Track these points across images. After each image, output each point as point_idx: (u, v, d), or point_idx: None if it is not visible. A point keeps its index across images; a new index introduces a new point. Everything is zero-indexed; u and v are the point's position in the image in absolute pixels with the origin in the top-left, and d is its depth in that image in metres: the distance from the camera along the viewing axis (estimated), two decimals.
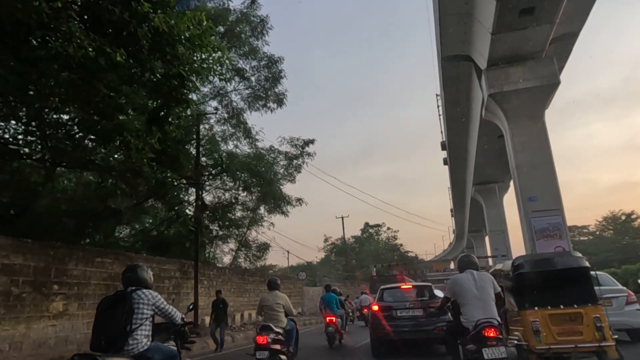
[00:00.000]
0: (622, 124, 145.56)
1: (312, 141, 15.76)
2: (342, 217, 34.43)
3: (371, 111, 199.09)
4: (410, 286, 9.82)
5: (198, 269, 14.24)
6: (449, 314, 6.30)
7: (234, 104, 12.52)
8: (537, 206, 16.89)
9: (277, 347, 6.62)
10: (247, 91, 12.07)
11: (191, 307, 5.76)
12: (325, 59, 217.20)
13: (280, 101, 12.13)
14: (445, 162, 40.26)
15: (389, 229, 52.08)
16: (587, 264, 6.23)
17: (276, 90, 11.99)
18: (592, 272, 6.20)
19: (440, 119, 36.95)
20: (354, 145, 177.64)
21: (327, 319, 10.97)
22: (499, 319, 4.82)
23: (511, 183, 36.10)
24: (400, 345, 8.55)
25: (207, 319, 14.07)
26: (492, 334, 4.47)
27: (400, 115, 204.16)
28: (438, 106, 37.59)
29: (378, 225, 51.66)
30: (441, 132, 36.19)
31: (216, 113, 12.12)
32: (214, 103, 13.03)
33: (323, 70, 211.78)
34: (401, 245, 48.86)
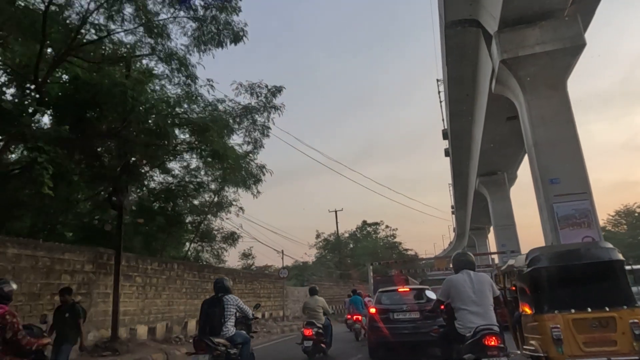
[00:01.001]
0: (622, 123, 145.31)
1: (279, 89, 11.12)
2: (336, 211, 31.92)
3: (371, 111, 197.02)
4: (408, 289, 9.83)
5: (121, 261, 10.71)
6: (442, 318, 5.33)
7: (174, 41, 9.06)
8: (561, 189, 14.29)
9: (319, 338, 8.65)
10: (193, 24, 9.01)
11: (258, 306, 8.14)
12: (325, 59, 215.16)
13: (237, 37, 9.07)
14: (446, 154, 37.72)
15: (387, 227, 49.85)
16: (620, 256, 5.30)
17: (229, 19, 8.82)
18: (628, 267, 5.56)
19: (441, 106, 34.47)
20: (354, 146, 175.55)
21: (354, 317, 12.98)
22: (498, 326, 4.30)
23: (519, 173, 33.62)
24: (398, 348, 8.64)
25: (124, 331, 11.00)
26: (493, 343, 4.03)
27: (399, 116, 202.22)
28: (439, 92, 35.13)
29: (376, 224, 49.23)
30: (442, 119, 33.68)
31: (152, 54, 9.16)
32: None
33: (322, 71, 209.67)
34: (400, 243, 46.23)
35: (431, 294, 8.56)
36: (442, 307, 4.78)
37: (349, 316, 13.76)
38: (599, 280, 5.23)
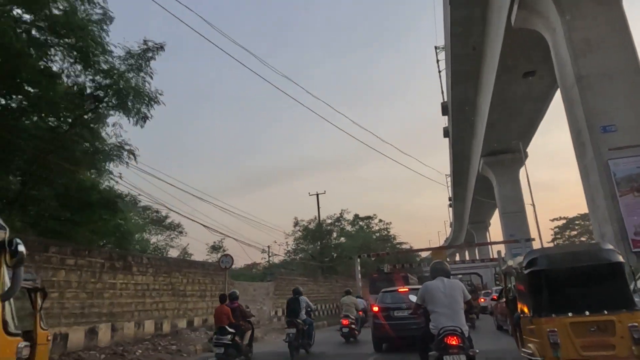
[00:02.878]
0: None
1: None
2: (317, 194, 27.41)
3: (365, 110, 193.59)
4: (407, 289, 10.86)
5: None
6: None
7: None
8: (618, 140, 10.08)
9: (353, 326, 11.95)
10: None
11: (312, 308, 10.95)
12: (321, 58, 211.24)
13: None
14: (445, 134, 33.52)
15: (380, 221, 45.87)
16: (620, 258, 5.13)
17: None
18: (628, 269, 5.41)
19: (440, 77, 30.17)
20: (348, 146, 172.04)
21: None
22: (465, 327, 4.72)
23: (530, 150, 29.37)
24: (399, 342, 9.52)
25: None
26: (453, 342, 4.52)
27: (395, 115, 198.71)
28: (438, 61, 30.78)
29: (369, 218, 45.14)
30: (442, 92, 29.43)
31: None
32: None
33: (318, 69, 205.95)
34: (394, 236, 41.91)
35: (413, 297, 8.28)
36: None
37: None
38: (598, 283, 5.13)
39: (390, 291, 10.72)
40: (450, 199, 58.77)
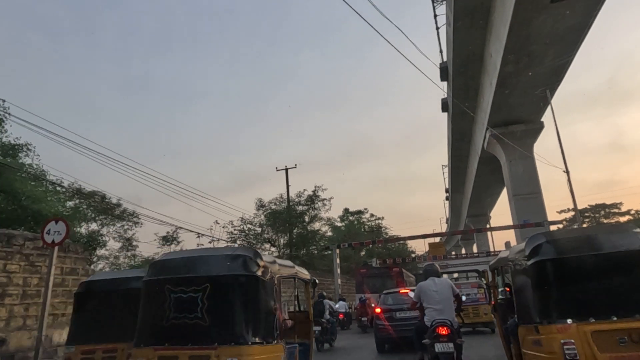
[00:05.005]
0: (606, 123, 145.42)
1: None
2: (286, 168, 22.28)
3: (358, 111, 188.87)
4: (408, 290, 10.97)
5: None
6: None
7: None
8: None
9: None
10: None
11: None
12: (311, 59, 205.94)
13: None
14: (444, 108, 28.88)
15: (372, 215, 41.35)
16: None
17: None
18: None
19: (438, 34, 25.41)
20: (341, 146, 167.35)
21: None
22: (454, 319, 5.38)
23: (544, 119, 24.60)
24: (400, 342, 9.56)
25: None
26: (444, 332, 5.18)
27: (389, 115, 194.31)
28: (435, 16, 25.97)
29: (360, 212, 40.75)
30: (440, 51, 24.70)
31: None
32: None
33: (308, 70, 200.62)
34: (386, 228, 37.26)
35: (412, 294, 8.76)
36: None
37: None
38: (629, 277, 3.86)
39: (392, 292, 11.28)
40: (447, 191, 54.11)
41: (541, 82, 18.87)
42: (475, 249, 62.56)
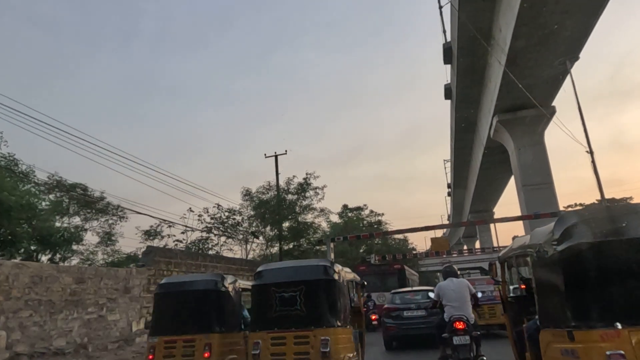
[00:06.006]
0: (607, 122, 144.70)
1: None
2: (275, 155, 20.54)
3: (360, 110, 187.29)
4: (416, 290, 12.08)
5: None
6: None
7: None
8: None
9: None
10: None
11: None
12: (314, 58, 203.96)
13: None
14: (446, 94, 27.20)
15: (372, 212, 39.87)
16: None
17: None
18: None
19: (441, 13, 23.70)
20: (344, 145, 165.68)
21: None
22: (471, 316, 5.99)
23: (556, 103, 22.89)
24: (408, 340, 10.24)
25: None
26: (460, 326, 5.79)
27: (392, 114, 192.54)
28: None
29: (359, 209, 39.25)
30: (443, 30, 22.98)
31: None
32: None
33: (312, 69, 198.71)
34: (386, 224, 35.69)
35: (432, 294, 9.14)
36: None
37: None
38: None
39: (401, 292, 11.77)
40: (449, 186, 52.50)
41: (556, 57, 17.19)
42: (477, 246, 60.82)
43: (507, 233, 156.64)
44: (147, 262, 10.07)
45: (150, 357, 5.64)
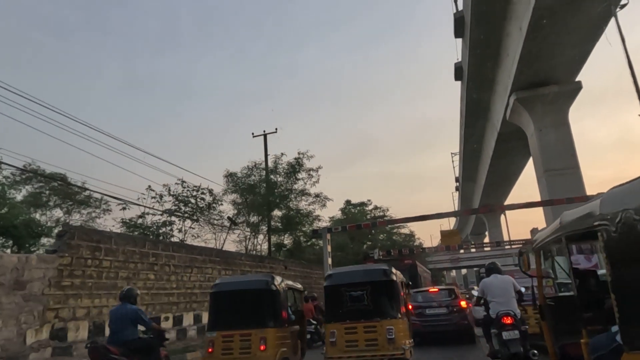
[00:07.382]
0: (613, 121, 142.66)
1: None
2: (265, 133, 18.15)
3: (365, 108, 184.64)
4: (437, 289, 12.37)
5: None
6: (482, 308, 6.89)
7: None
8: None
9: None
10: None
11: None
12: (320, 57, 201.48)
13: None
14: (457, 74, 24.95)
15: (376, 207, 37.70)
16: None
17: None
18: None
19: None
20: (345, 144, 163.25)
21: None
22: (517, 311, 6.01)
23: (580, 77, 20.65)
24: (431, 336, 10.74)
25: None
26: (508, 322, 5.84)
27: (397, 113, 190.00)
28: None
29: (363, 204, 37.13)
30: (454, 0, 20.70)
31: None
32: None
33: (316, 68, 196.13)
34: (391, 218, 33.51)
35: (475, 292, 10.19)
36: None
37: None
38: None
39: (422, 291, 12.45)
40: (457, 180, 50.12)
41: (586, 22, 14.92)
42: (487, 240, 58.27)
43: (515, 231, 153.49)
44: (61, 246, 7.86)
45: (210, 350, 6.16)
